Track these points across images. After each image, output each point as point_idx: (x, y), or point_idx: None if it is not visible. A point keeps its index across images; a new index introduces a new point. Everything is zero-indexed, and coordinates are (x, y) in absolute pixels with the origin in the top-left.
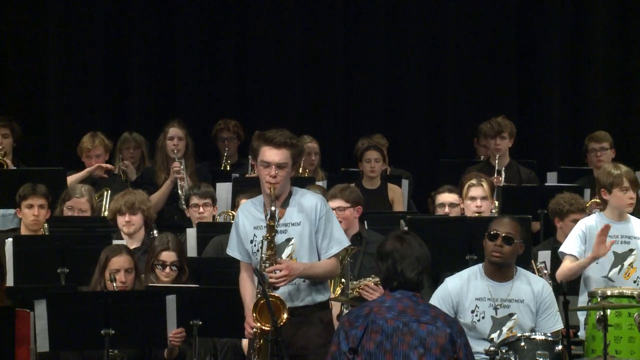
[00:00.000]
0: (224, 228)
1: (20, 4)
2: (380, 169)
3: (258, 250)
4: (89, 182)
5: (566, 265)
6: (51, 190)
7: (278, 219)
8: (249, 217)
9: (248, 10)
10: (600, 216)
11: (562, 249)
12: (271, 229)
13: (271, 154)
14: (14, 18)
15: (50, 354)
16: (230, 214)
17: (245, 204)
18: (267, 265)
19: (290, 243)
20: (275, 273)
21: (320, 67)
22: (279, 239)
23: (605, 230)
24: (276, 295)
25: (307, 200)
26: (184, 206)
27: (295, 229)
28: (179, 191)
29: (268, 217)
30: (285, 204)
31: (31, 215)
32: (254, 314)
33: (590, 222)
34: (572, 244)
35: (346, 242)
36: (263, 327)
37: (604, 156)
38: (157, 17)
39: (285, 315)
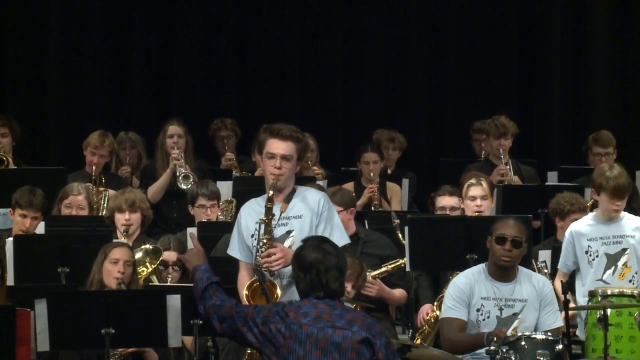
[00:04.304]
0: (225, 227)
1: (21, 4)
2: (379, 169)
3: (258, 244)
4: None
5: (556, 284)
6: (51, 190)
7: (280, 212)
8: (251, 214)
9: (247, 9)
10: (592, 218)
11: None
12: (269, 211)
13: (277, 146)
14: (15, 18)
15: (49, 353)
16: (232, 200)
17: (248, 202)
18: (263, 249)
19: (291, 235)
20: (270, 257)
21: (320, 66)
22: (280, 231)
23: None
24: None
25: (311, 196)
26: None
27: (296, 222)
28: (176, 172)
29: (266, 200)
30: (288, 199)
31: (22, 224)
32: (246, 292)
33: (577, 227)
34: (562, 258)
35: (345, 240)
36: None
37: (608, 161)
38: (157, 16)
39: (279, 292)
